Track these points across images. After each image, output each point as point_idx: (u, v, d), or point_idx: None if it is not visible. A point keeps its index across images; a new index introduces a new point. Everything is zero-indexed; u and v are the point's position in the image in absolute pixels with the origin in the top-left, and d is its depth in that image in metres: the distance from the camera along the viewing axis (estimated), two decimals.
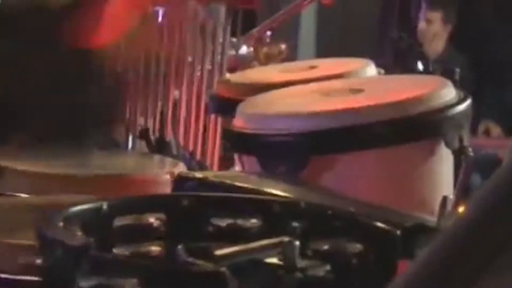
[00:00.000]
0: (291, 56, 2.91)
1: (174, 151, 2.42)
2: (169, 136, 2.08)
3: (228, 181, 1.34)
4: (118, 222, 1.08)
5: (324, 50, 5.89)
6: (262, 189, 1.30)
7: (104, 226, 1.07)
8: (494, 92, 5.42)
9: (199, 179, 1.35)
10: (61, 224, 0.98)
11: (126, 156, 2.18)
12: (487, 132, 5.35)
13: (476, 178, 2.64)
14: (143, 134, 2.25)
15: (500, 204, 0.66)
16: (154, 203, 1.18)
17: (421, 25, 5.43)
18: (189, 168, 1.88)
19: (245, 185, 1.32)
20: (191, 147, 2.02)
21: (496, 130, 5.40)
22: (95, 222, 1.06)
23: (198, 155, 2.00)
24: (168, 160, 1.92)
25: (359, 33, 5.57)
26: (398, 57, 5.01)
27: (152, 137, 2.19)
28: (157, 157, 2.01)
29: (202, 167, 2.00)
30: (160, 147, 2.17)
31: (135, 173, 1.80)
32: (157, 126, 2.09)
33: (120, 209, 1.11)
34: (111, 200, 1.12)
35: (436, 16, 5.60)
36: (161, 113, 2.07)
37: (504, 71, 5.56)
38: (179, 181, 1.36)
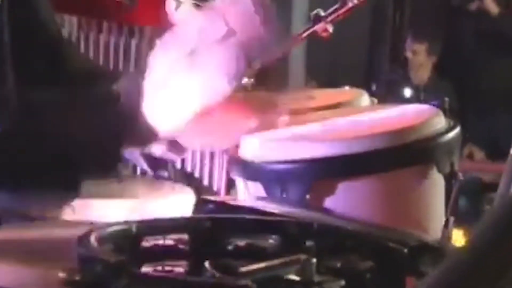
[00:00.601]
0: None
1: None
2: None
3: (245, 204, 1.40)
4: (146, 242, 1.14)
5: (315, 79, 5.95)
6: (276, 211, 1.34)
7: (133, 245, 1.12)
8: (477, 118, 5.47)
9: (219, 202, 1.40)
10: (97, 243, 1.05)
11: (139, 182, 2.21)
12: (470, 156, 5.40)
13: (460, 200, 2.70)
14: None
15: (501, 236, 0.71)
16: (179, 224, 1.22)
17: (407, 55, 5.48)
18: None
19: (261, 208, 1.36)
20: (198, 173, 2.05)
21: (479, 154, 5.46)
22: (125, 242, 1.11)
23: (206, 180, 2.02)
24: (178, 185, 1.97)
25: (348, 63, 5.63)
26: (389, 87, 5.07)
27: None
28: (167, 183, 2.03)
29: (209, 191, 2.04)
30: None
31: (151, 199, 1.85)
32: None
33: (147, 230, 1.16)
34: (139, 222, 1.18)
35: (421, 47, 5.65)
36: None
37: (486, 98, 5.63)
38: (200, 204, 1.41)
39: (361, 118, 1.64)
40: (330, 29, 2.20)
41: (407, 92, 5.35)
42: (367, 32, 5.77)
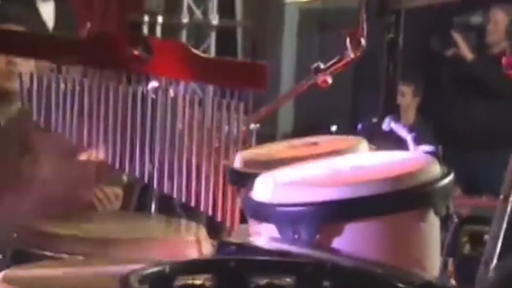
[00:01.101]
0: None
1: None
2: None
3: (262, 245, 1.40)
4: (177, 281, 1.16)
5: (302, 126, 6.01)
6: (291, 252, 1.36)
7: (167, 285, 1.14)
8: (454, 156, 5.49)
9: (239, 244, 1.41)
10: (137, 284, 1.08)
11: (155, 220, 2.22)
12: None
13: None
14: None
15: None
16: (206, 265, 1.25)
17: (399, 101, 5.51)
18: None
19: (276, 249, 1.37)
20: (210, 212, 2.04)
21: (456, 190, 5.48)
22: (160, 282, 1.14)
23: (218, 218, 2.02)
24: (192, 224, 1.98)
25: (334, 109, 5.67)
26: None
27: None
28: (182, 221, 2.04)
29: (222, 227, 2.04)
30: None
31: (168, 237, 1.85)
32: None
33: (179, 271, 1.18)
34: (172, 264, 1.20)
35: (408, 90, 5.71)
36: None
37: (462, 138, 5.66)
38: (222, 246, 1.42)
39: (363, 164, 1.65)
40: (330, 80, 2.24)
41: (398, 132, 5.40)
42: (351, 79, 5.83)
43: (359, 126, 5.25)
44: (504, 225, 1.46)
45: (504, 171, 1.75)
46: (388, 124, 2.23)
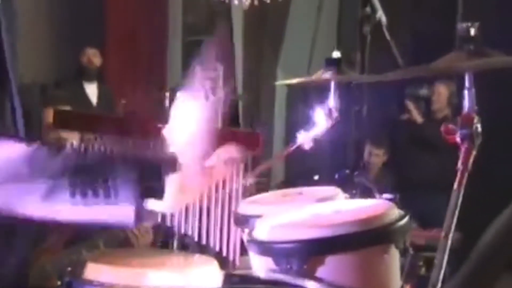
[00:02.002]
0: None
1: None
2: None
3: (261, 276, 1.40)
4: None
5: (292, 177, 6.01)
6: (284, 281, 1.36)
7: None
8: (411, 199, 5.47)
9: (244, 275, 1.41)
10: None
11: (176, 255, 2.19)
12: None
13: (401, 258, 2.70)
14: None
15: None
16: None
17: (367, 159, 5.51)
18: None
19: (273, 278, 1.37)
20: (218, 247, 2.03)
21: (413, 225, 5.47)
22: None
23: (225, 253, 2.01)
24: (205, 257, 1.94)
25: (316, 163, 5.66)
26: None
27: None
28: (197, 256, 2.00)
29: (227, 260, 2.02)
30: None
31: (186, 268, 1.82)
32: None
33: None
34: None
35: (379, 151, 5.71)
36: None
37: (417, 185, 5.66)
38: (228, 277, 1.41)
39: (339, 209, 1.64)
40: (312, 143, 2.24)
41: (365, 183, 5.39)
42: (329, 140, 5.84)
43: (336, 175, 5.23)
44: (446, 257, 1.45)
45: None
46: (357, 177, 2.23)
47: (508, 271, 0.69)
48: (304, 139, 2.28)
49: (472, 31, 1.59)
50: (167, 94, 7.25)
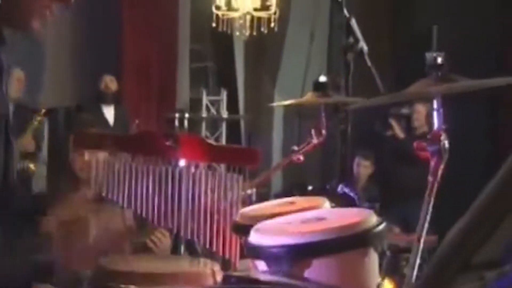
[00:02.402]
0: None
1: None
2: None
3: (255, 277, 1.40)
4: None
5: (289, 187, 6.03)
6: (276, 281, 1.37)
7: None
8: (394, 206, 5.48)
9: (240, 276, 1.41)
10: None
11: (183, 259, 2.19)
12: (390, 231, 5.40)
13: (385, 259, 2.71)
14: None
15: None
16: None
17: (356, 170, 5.52)
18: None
19: (268, 280, 1.37)
20: (221, 252, 2.03)
21: (396, 229, 5.46)
22: None
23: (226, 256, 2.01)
24: (208, 261, 1.96)
25: (309, 175, 5.68)
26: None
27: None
28: (201, 259, 2.03)
29: (227, 262, 2.02)
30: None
31: (192, 270, 1.84)
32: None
33: None
34: None
35: (367, 163, 5.73)
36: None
37: (399, 193, 5.66)
38: (226, 278, 1.41)
39: (325, 217, 1.64)
40: (302, 158, 2.26)
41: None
42: (320, 155, 5.85)
43: (327, 186, 5.26)
44: (419, 257, 1.46)
45: None
46: (341, 188, 2.24)
47: (465, 272, 0.69)
48: (297, 153, 2.29)
49: (439, 60, 1.62)
50: (176, 114, 7.31)
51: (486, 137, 6.08)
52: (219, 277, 1.84)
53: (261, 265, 1.48)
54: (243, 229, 1.76)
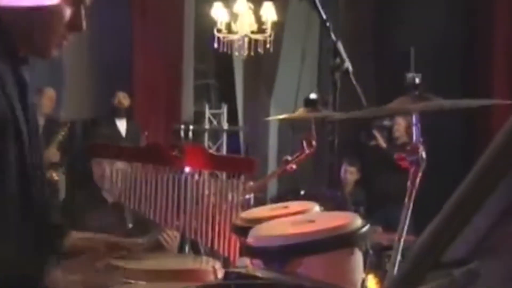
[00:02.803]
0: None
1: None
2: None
3: (255, 273, 1.39)
4: None
5: (283, 192, 6.00)
6: (271, 277, 1.36)
7: None
8: (377, 208, 5.48)
9: (239, 272, 1.39)
10: None
11: (188, 257, 2.19)
12: (373, 231, 5.39)
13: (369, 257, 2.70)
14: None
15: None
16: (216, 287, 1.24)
17: (344, 176, 5.51)
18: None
19: (265, 276, 1.37)
20: (222, 251, 2.03)
21: (378, 229, 5.45)
22: None
23: (226, 255, 2.00)
24: (210, 259, 1.96)
25: (302, 181, 5.66)
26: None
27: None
28: (204, 258, 2.02)
29: (228, 261, 2.02)
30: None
31: (197, 267, 1.83)
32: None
33: None
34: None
35: (353, 169, 5.73)
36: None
37: (381, 197, 5.65)
38: (228, 274, 1.39)
39: (315, 219, 1.64)
40: (294, 166, 2.26)
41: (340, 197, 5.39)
42: (312, 163, 5.84)
43: (317, 191, 5.27)
44: (399, 256, 1.46)
45: None
46: (328, 192, 2.24)
47: (435, 269, 0.69)
48: (290, 162, 2.29)
49: (417, 80, 1.62)
50: (182, 126, 7.32)
51: (461, 148, 6.09)
52: (220, 274, 1.83)
53: (258, 263, 1.48)
54: (241, 230, 1.76)
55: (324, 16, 2.26)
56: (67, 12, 1.34)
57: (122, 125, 6.31)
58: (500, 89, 5.57)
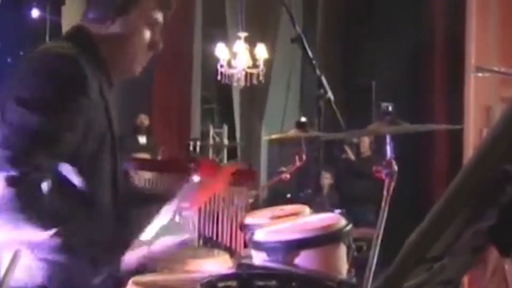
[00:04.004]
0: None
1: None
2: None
3: (261, 264, 1.38)
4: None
5: (274, 196, 5.94)
6: (274, 267, 1.35)
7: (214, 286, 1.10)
8: (350, 209, 5.45)
9: (249, 264, 1.38)
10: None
11: (202, 249, 2.15)
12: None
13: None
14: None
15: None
16: (232, 275, 1.22)
17: (321, 181, 5.49)
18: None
19: (268, 265, 1.35)
20: (229, 244, 2.00)
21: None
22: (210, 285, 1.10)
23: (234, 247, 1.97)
24: (221, 251, 1.92)
25: (290, 186, 5.63)
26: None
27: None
28: (216, 250, 1.98)
29: (235, 252, 1.97)
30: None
31: (209, 258, 1.77)
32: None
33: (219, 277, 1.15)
34: (214, 275, 1.16)
35: (328, 175, 5.71)
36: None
37: (354, 200, 5.60)
38: (240, 265, 1.38)
39: (307, 220, 1.65)
40: (288, 176, 2.24)
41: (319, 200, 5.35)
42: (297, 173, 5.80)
43: (302, 194, 5.24)
44: (377, 250, 1.43)
45: None
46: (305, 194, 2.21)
47: (419, 264, 0.68)
48: (285, 173, 2.27)
49: (390, 108, 1.62)
50: (191, 142, 7.31)
51: (422, 165, 6.01)
52: (229, 263, 1.80)
53: (263, 255, 1.45)
54: (246, 228, 1.75)
55: (311, 55, 2.25)
56: (147, 34, 1.29)
57: (143, 141, 6.29)
58: (439, 115, 5.55)
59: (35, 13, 7.50)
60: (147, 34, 1.30)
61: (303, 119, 2.29)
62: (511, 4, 4.48)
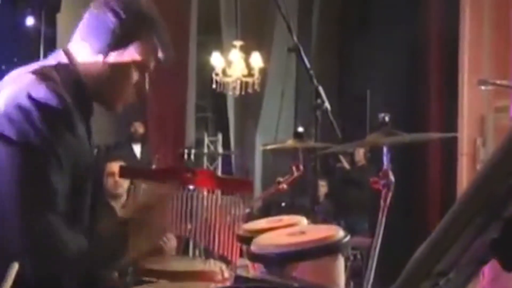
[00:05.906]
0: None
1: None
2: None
3: (258, 276, 1.37)
4: None
5: (268, 204, 5.92)
6: (271, 279, 1.33)
7: None
8: (345, 218, 5.45)
9: (247, 277, 1.37)
10: None
11: (197, 260, 2.13)
12: None
13: None
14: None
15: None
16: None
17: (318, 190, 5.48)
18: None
19: (265, 278, 1.34)
20: (226, 255, 1.98)
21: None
22: None
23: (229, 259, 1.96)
24: (217, 262, 1.91)
25: (284, 196, 5.61)
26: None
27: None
28: (211, 260, 1.97)
29: (231, 263, 1.96)
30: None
31: (204, 269, 1.78)
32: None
33: None
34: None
35: (324, 183, 5.70)
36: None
37: (349, 209, 5.63)
38: (237, 277, 1.37)
39: (305, 231, 1.59)
40: (285, 186, 2.23)
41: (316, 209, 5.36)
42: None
43: (297, 203, 5.25)
44: (376, 258, 1.42)
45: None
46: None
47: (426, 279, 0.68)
48: (282, 183, 2.27)
49: (386, 119, 1.62)
50: (185, 150, 7.28)
51: (416, 177, 6.01)
52: (226, 274, 1.78)
53: (259, 267, 1.44)
54: (243, 239, 1.73)
55: (308, 65, 2.25)
56: (135, 75, 1.31)
57: (137, 149, 6.27)
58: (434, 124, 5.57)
59: (29, 20, 7.49)
60: (135, 74, 1.32)
61: (300, 129, 2.29)
62: (505, 15, 4.52)
